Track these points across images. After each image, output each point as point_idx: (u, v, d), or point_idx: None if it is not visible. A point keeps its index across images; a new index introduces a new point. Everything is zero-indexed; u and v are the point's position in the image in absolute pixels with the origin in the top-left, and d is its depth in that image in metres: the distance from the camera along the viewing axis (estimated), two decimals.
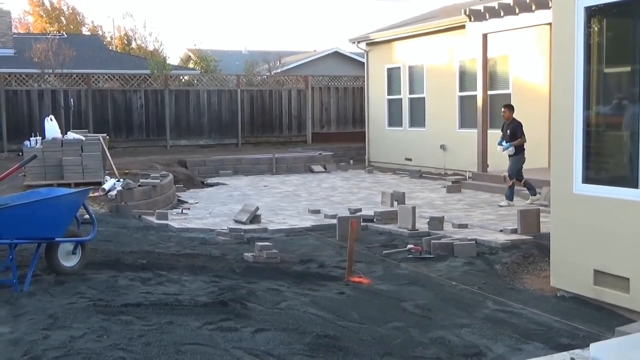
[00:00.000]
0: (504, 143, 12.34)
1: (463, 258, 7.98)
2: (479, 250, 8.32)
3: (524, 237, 8.91)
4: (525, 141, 12.32)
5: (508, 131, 12.36)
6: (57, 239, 6.43)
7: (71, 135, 13.13)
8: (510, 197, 12.33)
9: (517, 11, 13.59)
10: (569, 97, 6.43)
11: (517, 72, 15.88)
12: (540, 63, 15.29)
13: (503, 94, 16.17)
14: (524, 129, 12.31)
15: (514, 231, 9.29)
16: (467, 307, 6.16)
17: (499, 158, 15.69)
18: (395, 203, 12.16)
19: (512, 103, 14.00)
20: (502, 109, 12.64)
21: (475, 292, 6.66)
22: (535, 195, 12.24)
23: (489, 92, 15.51)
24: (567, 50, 6.45)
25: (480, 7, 14.51)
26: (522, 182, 12.34)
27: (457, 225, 9.98)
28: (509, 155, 12.39)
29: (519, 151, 12.35)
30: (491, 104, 15.98)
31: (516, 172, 12.33)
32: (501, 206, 12.08)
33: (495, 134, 15.82)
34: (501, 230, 9.50)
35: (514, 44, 15.85)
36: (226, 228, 9.78)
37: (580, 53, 6.34)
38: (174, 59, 50.49)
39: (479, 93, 15.07)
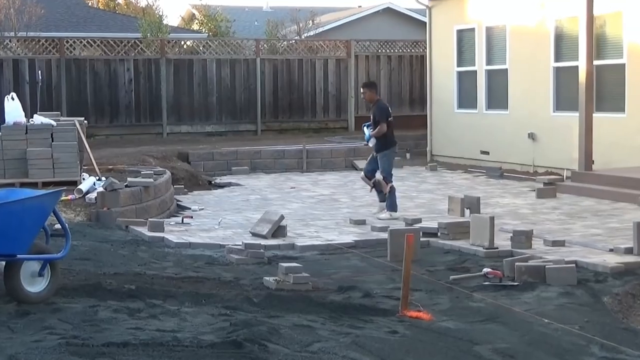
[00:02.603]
0: (364, 129, 12.60)
1: (559, 287, 7.89)
2: (580, 276, 8.22)
3: None
4: (384, 129, 12.37)
5: (371, 117, 12.58)
6: (19, 256, 6.51)
7: (38, 119, 13.31)
8: (392, 207, 12.40)
9: None
10: None
11: (635, 35, 15.65)
12: None
13: (614, 65, 15.96)
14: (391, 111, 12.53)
15: (629, 251, 9.17)
16: (564, 353, 6.09)
17: (610, 151, 15.49)
18: (467, 212, 12.09)
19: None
20: (362, 90, 12.81)
21: (576, 333, 6.59)
22: (396, 211, 12.33)
23: (596, 63, 15.30)
24: None
25: None
26: (373, 185, 12.43)
27: (551, 242, 9.89)
28: (375, 151, 12.51)
29: (387, 144, 12.47)
30: (598, 78, 15.76)
31: (390, 173, 12.53)
32: (380, 219, 12.14)
33: (602, 119, 15.62)
34: (611, 250, 9.38)
35: None
36: (240, 243, 9.82)
37: None
38: (173, 19, 50.78)
39: (581, 64, 14.88)
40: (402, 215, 12.20)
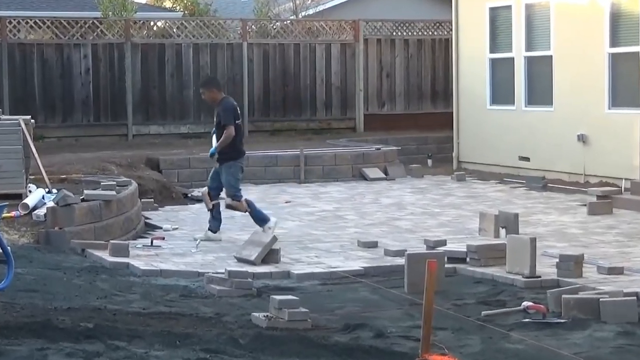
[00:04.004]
0: (214, 139, 12.70)
1: (616, 324, 7.88)
2: None
3: None
4: (233, 133, 12.37)
5: (215, 120, 12.68)
6: None
7: None
8: (214, 225, 12.47)
9: None
10: None
11: None
12: None
13: None
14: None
15: None
16: None
17: None
18: (503, 232, 12.08)
19: None
20: (200, 90, 13.08)
21: None
22: (216, 232, 12.47)
23: None
24: None
25: None
26: (212, 206, 12.57)
27: (606, 269, 9.89)
28: (218, 162, 12.58)
29: (233, 153, 12.52)
30: None
31: (237, 188, 12.63)
32: (196, 238, 12.20)
33: None
34: None
35: None
36: (223, 271, 9.81)
37: None
38: None
39: None
40: (221, 239, 12.42)
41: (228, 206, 12.64)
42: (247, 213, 12.60)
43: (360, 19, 24.87)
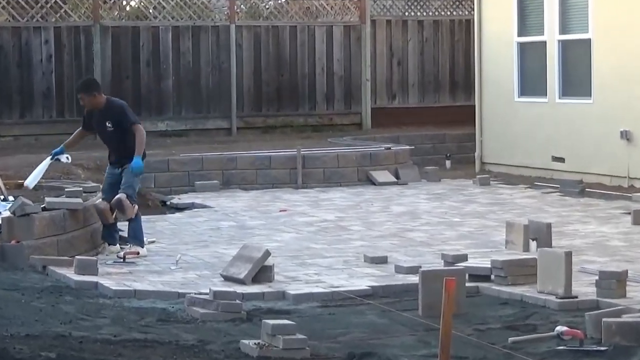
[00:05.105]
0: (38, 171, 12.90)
1: None
2: None
3: None
4: (144, 132, 12.94)
5: (109, 124, 12.87)
6: None
7: None
8: (139, 238, 12.69)
9: None
10: None
11: None
12: None
13: None
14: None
15: None
16: None
17: None
18: (534, 245, 12.09)
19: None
20: (79, 95, 13.24)
21: None
22: (115, 244, 12.68)
23: None
24: None
25: None
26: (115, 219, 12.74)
27: None
28: (119, 163, 12.99)
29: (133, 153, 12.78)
30: None
31: (136, 191, 12.91)
32: (120, 257, 12.21)
33: None
34: None
35: None
36: (208, 291, 9.81)
37: None
38: None
39: None
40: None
41: (117, 203, 12.56)
42: (129, 220, 12.71)
43: None
